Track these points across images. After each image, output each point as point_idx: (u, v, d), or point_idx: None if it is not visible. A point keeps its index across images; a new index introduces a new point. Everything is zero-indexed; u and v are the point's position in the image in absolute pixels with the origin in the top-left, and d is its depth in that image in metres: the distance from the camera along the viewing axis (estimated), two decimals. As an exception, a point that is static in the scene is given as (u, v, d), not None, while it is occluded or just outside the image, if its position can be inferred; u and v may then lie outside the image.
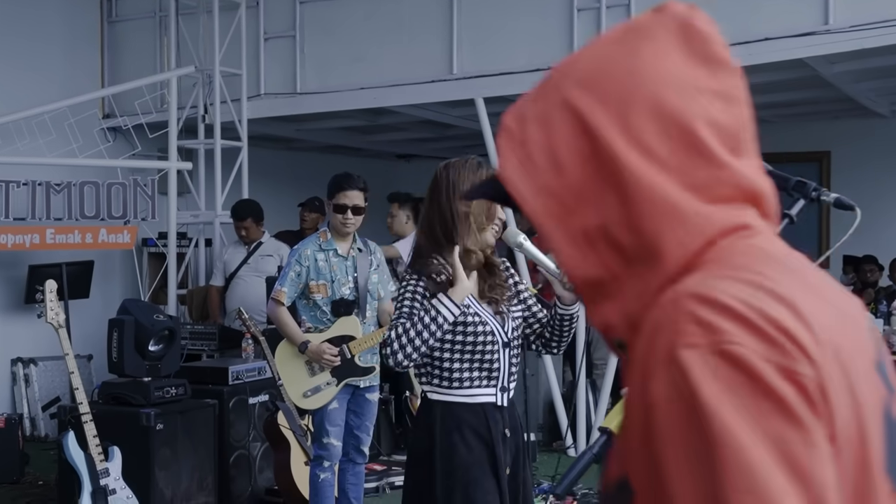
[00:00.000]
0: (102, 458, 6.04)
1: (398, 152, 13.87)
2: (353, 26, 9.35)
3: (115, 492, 6.04)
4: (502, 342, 3.67)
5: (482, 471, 3.55)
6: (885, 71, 9.20)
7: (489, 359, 3.62)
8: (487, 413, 3.60)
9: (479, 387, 3.61)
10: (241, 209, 8.80)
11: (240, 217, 8.76)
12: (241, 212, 8.77)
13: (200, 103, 9.59)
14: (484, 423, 3.58)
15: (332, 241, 5.77)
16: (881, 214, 11.68)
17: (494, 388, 3.63)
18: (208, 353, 8.29)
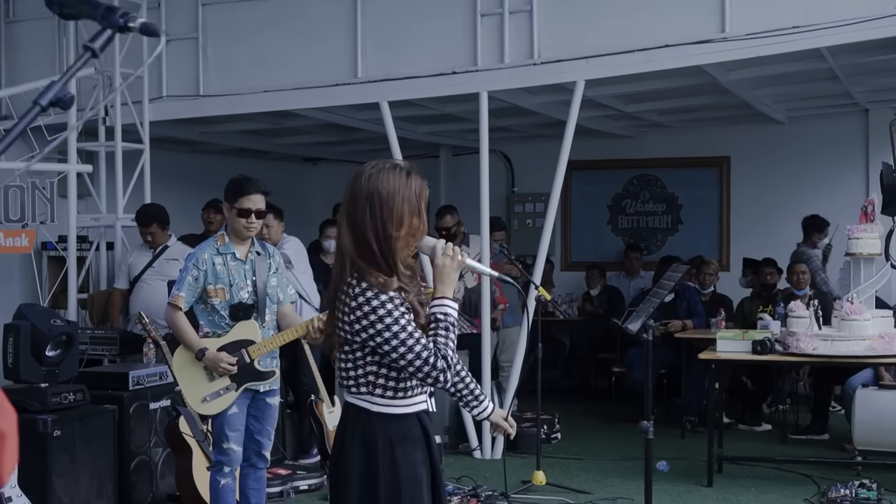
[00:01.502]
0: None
1: (305, 155, 13.82)
2: (257, 29, 9.30)
3: (11, 500, 5.94)
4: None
5: (425, 483, 3.49)
6: (781, 78, 9.44)
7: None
8: (423, 420, 3.50)
9: (418, 394, 3.48)
10: (145, 215, 8.71)
11: (144, 223, 8.67)
12: (145, 217, 8.68)
13: (101, 105, 9.45)
14: (421, 432, 3.48)
15: (230, 244, 5.74)
16: (780, 219, 11.98)
17: (426, 393, 3.53)
18: (109, 358, 8.18)
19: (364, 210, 3.39)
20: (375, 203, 3.38)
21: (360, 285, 3.34)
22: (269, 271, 5.82)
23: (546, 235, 8.69)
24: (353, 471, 3.46)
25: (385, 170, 3.44)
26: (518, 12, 8.46)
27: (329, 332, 3.54)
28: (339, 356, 3.48)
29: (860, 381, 8.54)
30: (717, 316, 9.96)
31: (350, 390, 3.48)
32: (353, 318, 3.36)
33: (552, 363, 12.20)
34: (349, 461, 3.46)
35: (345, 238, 3.43)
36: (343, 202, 3.47)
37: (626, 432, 9.18)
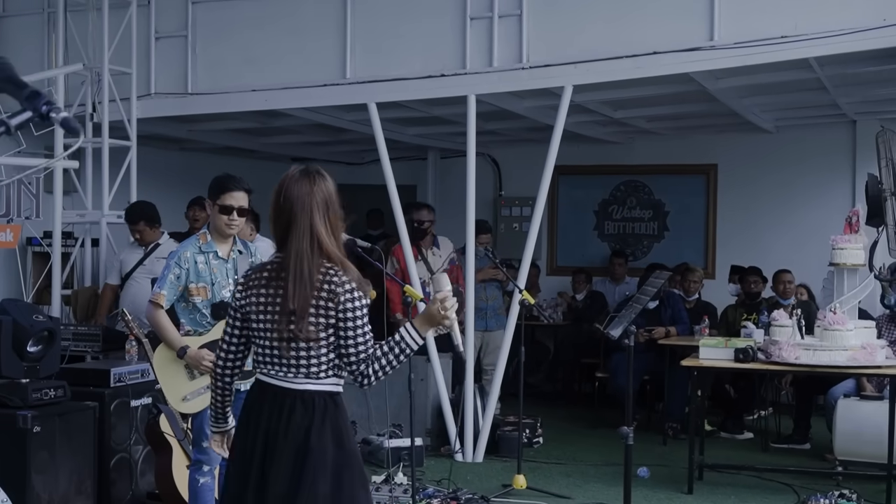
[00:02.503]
0: (-23, 460, 5.92)
1: (292, 155, 13.80)
2: (246, 28, 9.31)
3: (-10, 495, 5.93)
4: None
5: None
6: (769, 87, 9.46)
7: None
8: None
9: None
10: (133, 213, 8.69)
11: (131, 220, 8.65)
12: (133, 215, 8.67)
13: (88, 101, 9.44)
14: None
15: (213, 243, 5.72)
16: (766, 228, 12.02)
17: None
18: (92, 355, 8.15)
19: (334, 213, 3.80)
20: (332, 207, 3.78)
21: (346, 276, 3.70)
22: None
23: (531, 239, 8.70)
24: (323, 461, 3.69)
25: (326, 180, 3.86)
26: (507, 16, 8.48)
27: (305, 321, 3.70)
28: (310, 342, 3.69)
29: (842, 392, 8.57)
30: (701, 323, 9.98)
31: (318, 376, 3.73)
32: (337, 303, 3.67)
33: (536, 367, 12.23)
34: (321, 451, 3.69)
35: (324, 237, 3.72)
36: (307, 205, 3.74)
37: (608, 437, 9.19)
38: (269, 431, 3.74)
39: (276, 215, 3.78)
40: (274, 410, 3.74)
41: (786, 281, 10.21)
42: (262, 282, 3.79)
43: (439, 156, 13.23)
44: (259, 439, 3.76)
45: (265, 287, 3.77)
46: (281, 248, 3.79)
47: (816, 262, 9.63)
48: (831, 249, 7.89)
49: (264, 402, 3.78)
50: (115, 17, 9.34)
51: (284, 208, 3.76)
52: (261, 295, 3.78)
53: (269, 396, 3.77)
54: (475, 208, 8.83)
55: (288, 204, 3.75)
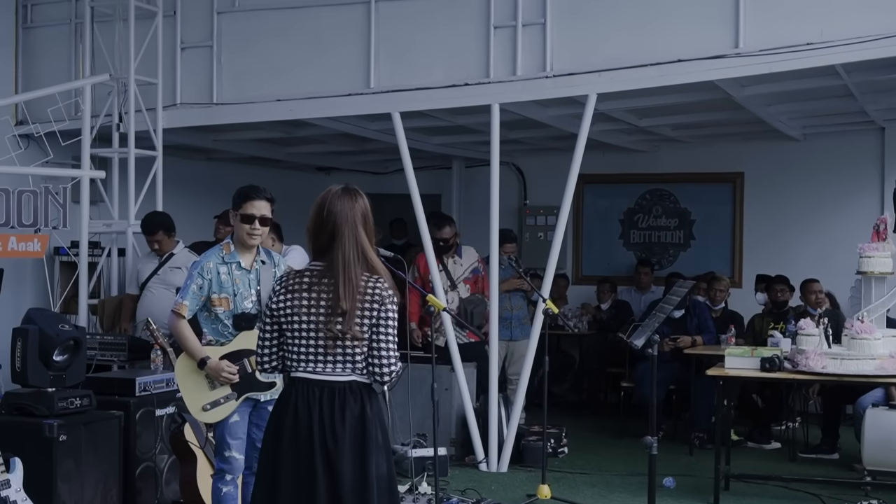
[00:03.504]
0: (3, 469, 5.95)
1: (317, 165, 13.84)
2: (270, 38, 9.33)
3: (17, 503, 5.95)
4: None
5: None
6: (795, 95, 9.41)
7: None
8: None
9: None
10: (150, 223, 8.73)
11: (150, 231, 8.70)
12: (150, 226, 8.71)
13: (115, 112, 9.49)
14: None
15: (236, 253, 5.73)
16: (793, 236, 11.96)
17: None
18: (119, 364, 8.19)
19: (370, 227, 4.24)
20: (369, 221, 4.23)
21: (390, 290, 4.17)
22: (274, 280, 5.81)
23: (555, 249, 8.67)
24: (376, 440, 4.15)
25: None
26: (531, 25, 8.47)
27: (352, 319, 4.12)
28: (355, 341, 4.11)
29: (871, 401, 8.50)
30: (728, 332, 9.92)
31: (361, 371, 4.15)
32: (381, 311, 4.12)
33: (561, 377, 12.19)
34: (374, 430, 4.14)
35: (367, 248, 4.18)
36: (350, 218, 4.16)
37: (633, 447, 9.15)
38: (323, 422, 4.10)
39: (318, 228, 4.18)
40: (325, 402, 4.12)
41: (816, 291, 10.13)
42: (303, 286, 4.16)
43: (464, 165, 13.22)
44: (315, 431, 4.10)
45: (307, 291, 4.15)
46: (322, 257, 4.17)
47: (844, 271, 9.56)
48: (859, 258, 7.82)
49: (311, 398, 4.13)
50: (141, 28, 9.39)
51: (328, 221, 4.15)
52: (303, 298, 4.15)
53: (316, 391, 4.14)
54: (500, 217, 8.82)
55: (332, 217, 4.14)
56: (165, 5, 9.60)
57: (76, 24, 10.00)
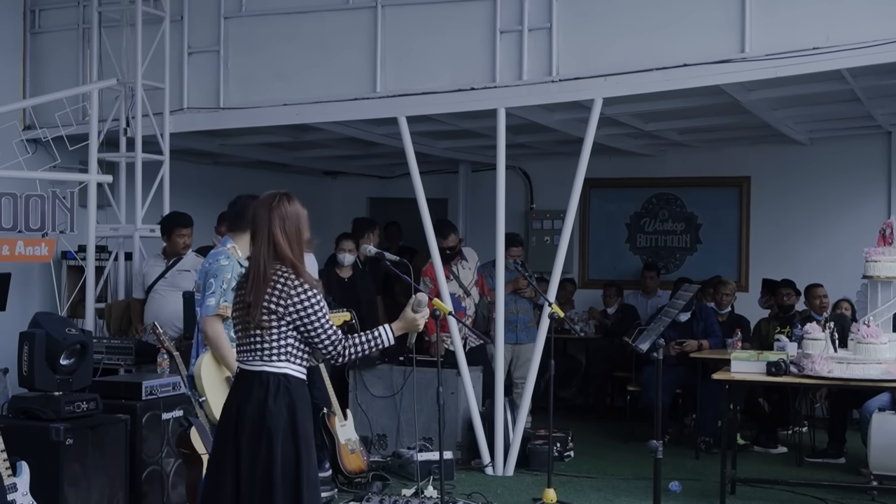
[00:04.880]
0: (10, 473, 5.97)
1: (324, 169, 13.86)
2: (277, 42, 9.35)
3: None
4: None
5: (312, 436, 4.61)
6: (801, 99, 9.41)
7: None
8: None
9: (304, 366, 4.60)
10: (183, 217, 8.79)
11: (188, 223, 8.74)
12: (188, 219, 8.76)
13: (122, 116, 9.51)
14: (308, 395, 4.64)
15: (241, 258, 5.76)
16: (799, 240, 11.95)
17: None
18: (125, 368, 8.21)
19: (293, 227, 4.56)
20: (290, 221, 4.54)
21: (297, 280, 4.43)
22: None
23: (561, 253, 8.68)
24: (277, 427, 4.40)
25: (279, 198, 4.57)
26: (537, 29, 8.48)
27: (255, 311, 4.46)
28: (262, 330, 4.44)
29: (877, 405, 8.49)
30: (734, 336, 9.92)
31: (270, 359, 4.46)
32: (284, 303, 4.41)
33: (568, 381, 12.19)
34: (274, 418, 4.40)
35: (281, 245, 4.49)
36: (265, 219, 4.52)
37: (639, 451, 9.13)
38: (239, 408, 4.49)
39: (251, 232, 4.60)
40: (240, 390, 4.54)
41: (820, 296, 10.14)
42: (241, 283, 4.62)
43: (470, 169, 13.23)
44: (231, 416, 4.51)
45: (240, 287, 4.61)
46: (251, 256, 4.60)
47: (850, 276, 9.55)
48: (865, 262, 7.82)
49: (236, 385, 4.61)
50: (148, 33, 9.42)
51: (251, 224, 4.59)
52: (238, 295, 4.62)
53: (239, 379, 4.58)
54: (506, 221, 8.83)
55: (252, 221, 4.57)
56: (173, 10, 9.63)
57: (84, 29, 10.03)
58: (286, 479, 4.41)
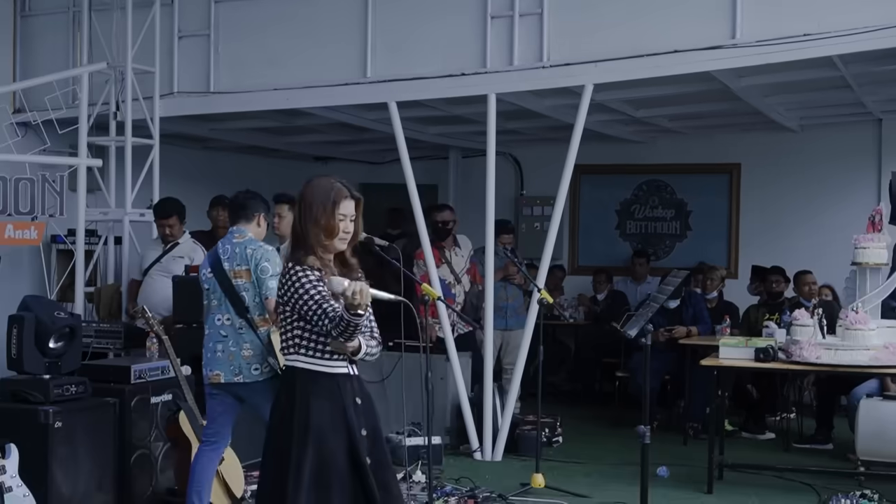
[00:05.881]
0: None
1: (315, 154, 13.85)
2: (268, 27, 9.34)
3: (12, 489, 5.98)
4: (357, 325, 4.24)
5: (333, 431, 4.27)
6: (792, 86, 9.42)
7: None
8: (342, 382, 4.34)
9: (338, 359, 4.34)
10: (166, 206, 8.75)
11: (165, 214, 8.70)
12: (168, 208, 8.72)
13: (112, 100, 9.50)
14: (336, 391, 4.31)
15: None
16: (789, 227, 11.97)
17: (347, 360, 4.37)
18: (115, 352, 8.21)
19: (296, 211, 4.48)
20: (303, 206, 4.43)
21: (288, 264, 4.33)
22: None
23: (551, 239, 8.68)
24: (275, 415, 4.38)
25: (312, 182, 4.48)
26: (528, 15, 8.47)
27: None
28: (280, 325, 4.39)
29: (865, 392, 8.52)
30: (723, 323, 9.94)
31: (284, 352, 4.39)
32: (283, 290, 4.31)
33: (557, 366, 12.21)
34: (275, 406, 4.40)
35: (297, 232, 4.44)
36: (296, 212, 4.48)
37: (628, 437, 9.13)
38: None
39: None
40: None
41: (809, 282, 10.17)
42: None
43: (460, 155, 13.23)
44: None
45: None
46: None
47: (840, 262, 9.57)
48: (854, 248, 7.83)
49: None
50: (138, 16, 9.40)
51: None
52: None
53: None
54: (496, 208, 8.84)
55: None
56: (163, -6, 9.62)
57: (74, 12, 10.00)
58: (268, 470, 4.34)
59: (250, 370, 6.08)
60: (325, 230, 4.34)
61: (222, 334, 6.14)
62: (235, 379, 6.07)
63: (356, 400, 4.36)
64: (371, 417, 4.41)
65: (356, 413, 4.32)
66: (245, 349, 6.10)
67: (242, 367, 6.08)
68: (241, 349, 6.10)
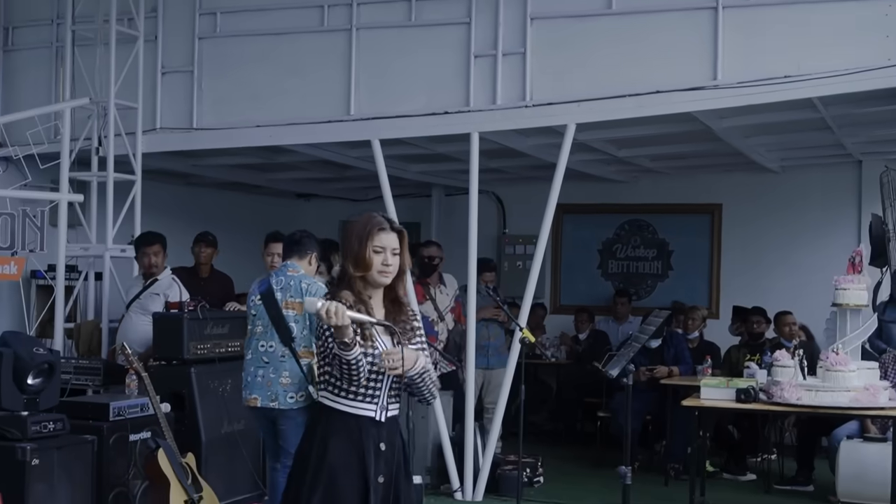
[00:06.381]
0: (-26, 493, 5.90)
1: (297, 191, 13.84)
2: (251, 64, 9.34)
3: (-13, 528, 5.91)
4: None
5: (347, 473, 4.10)
6: (773, 127, 9.47)
7: (373, 378, 4.11)
8: (363, 425, 4.13)
9: (361, 401, 4.13)
10: (150, 235, 8.74)
11: (149, 242, 8.66)
12: (151, 237, 8.70)
13: (95, 135, 9.47)
14: (357, 433, 4.12)
15: None
16: (770, 268, 12.00)
17: (375, 405, 4.15)
18: (94, 389, 8.14)
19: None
20: (342, 241, 4.32)
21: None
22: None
23: (533, 278, 8.68)
24: (299, 448, 4.26)
25: (353, 219, 4.33)
26: (511, 54, 8.50)
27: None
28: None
29: (845, 433, 8.52)
30: (704, 363, 9.94)
31: (318, 385, 4.23)
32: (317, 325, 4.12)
33: (539, 406, 12.17)
34: (300, 441, 4.28)
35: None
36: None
37: (609, 477, 9.10)
38: None
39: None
40: None
41: (789, 323, 10.18)
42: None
43: (443, 193, 13.25)
44: None
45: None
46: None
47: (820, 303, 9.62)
48: (834, 290, 7.85)
49: None
50: (122, 52, 9.39)
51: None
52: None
53: None
54: (479, 246, 8.84)
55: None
56: (147, 30, 9.61)
57: (57, 47, 9.99)
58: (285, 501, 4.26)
59: (286, 398, 6.50)
60: (358, 263, 4.17)
61: (264, 360, 6.60)
62: (271, 404, 6.50)
63: (380, 445, 4.16)
64: (392, 465, 4.20)
65: (376, 458, 4.14)
66: (284, 377, 6.53)
67: (279, 394, 6.51)
68: (279, 376, 6.53)
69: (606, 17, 8.32)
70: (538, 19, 8.46)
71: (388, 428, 4.21)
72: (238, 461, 7.69)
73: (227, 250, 10.12)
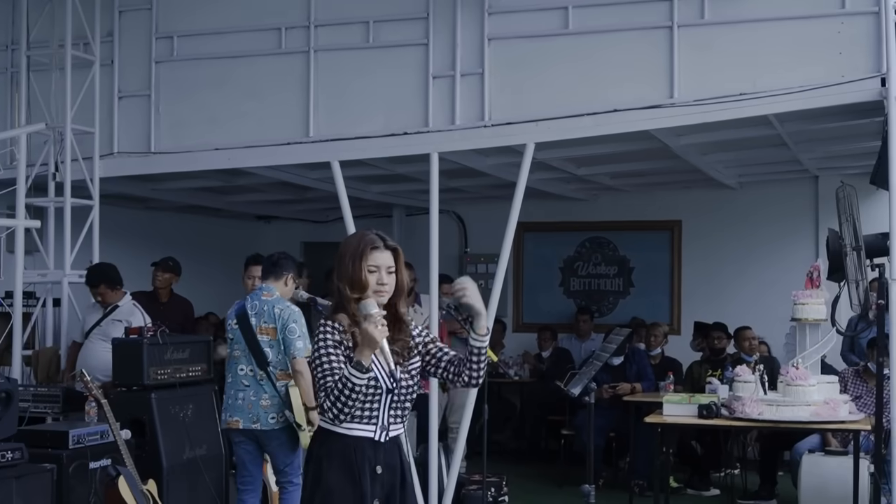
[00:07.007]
0: (-70, 525, 5.82)
1: (257, 213, 13.80)
2: (209, 87, 9.28)
3: (-57, 561, 5.82)
4: (385, 388, 4.08)
5: (342, 497, 4.04)
6: (730, 144, 9.55)
7: (369, 400, 4.04)
8: (358, 447, 4.06)
9: (359, 422, 4.06)
10: (93, 275, 8.65)
11: (92, 283, 8.61)
12: (93, 277, 8.62)
13: (51, 161, 9.38)
14: (351, 455, 4.05)
15: None
16: (729, 283, 12.08)
17: (374, 425, 4.08)
18: (53, 416, 8.06)
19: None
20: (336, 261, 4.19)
21: (321, 321, 4.10)
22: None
23: (495, 297, 8.68)
24: (303, 474, 4.33)
25: (349, 236, 4.31)
26: (469, 75, 8.52)
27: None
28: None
29: (807, 447, 8.58)
30: (667, 380, 9.98)
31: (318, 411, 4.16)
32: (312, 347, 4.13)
33: (503, 425, 12.17)
34: (305, 465, 4.29)
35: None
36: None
37: (573, 495, 9.11)
38: None
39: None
40: None
41: (749, 338, 10.27)
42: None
43: (404, 213, 13.25)
44: None
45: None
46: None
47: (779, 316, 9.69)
48: (793, 305, 7.91)
49: None
50: (78, 77, 9.32)
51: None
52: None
53: None
54: (441, 265, 8.84)
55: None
56: (103, 54, 9.54)
57: (12, 73, 9.89)
58: None
59: (267, 419, 6.87)
60: (353, 284, 4.06)
61: (244, 384, 6.95)
62: (253, 426, 6.86)
63: (376, 468, 4.07)
64: (389, 488, 4.12)
65: (372, 481, 4.06)
66: (264, 399, 6.89)
67: (260, 415, 6.87)
68: (260, 399, 6.89)
69: (563, 36, 8.34)
70: (496, 40, 8.48)
71: (388, 449, 4.12)
72: (200, 487, 7.63)
73: (188, 274, 10.06)
